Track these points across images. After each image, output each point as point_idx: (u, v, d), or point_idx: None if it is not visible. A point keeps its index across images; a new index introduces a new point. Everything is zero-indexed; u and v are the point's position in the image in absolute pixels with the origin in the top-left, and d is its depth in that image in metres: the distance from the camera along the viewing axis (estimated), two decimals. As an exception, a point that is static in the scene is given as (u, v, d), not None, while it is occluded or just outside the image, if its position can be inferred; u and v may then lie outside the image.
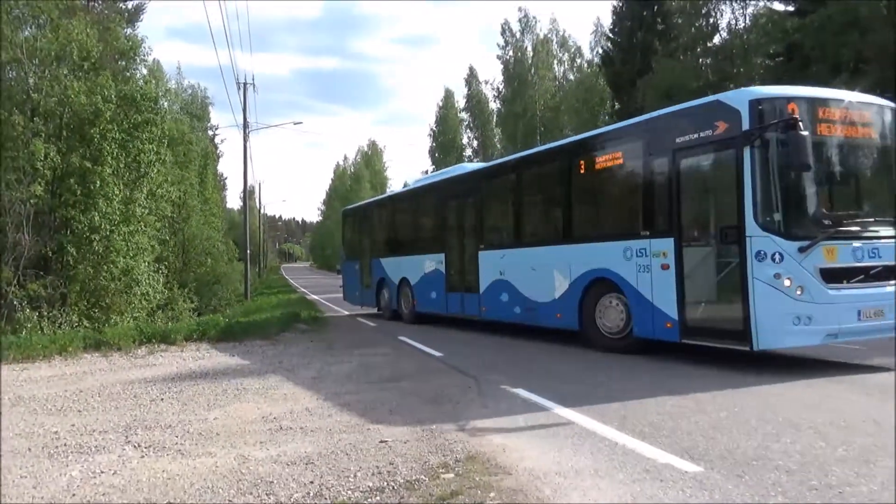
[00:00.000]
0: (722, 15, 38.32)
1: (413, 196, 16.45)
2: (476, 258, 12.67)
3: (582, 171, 9.96)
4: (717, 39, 41.13)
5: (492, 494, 3.75)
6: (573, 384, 7.18)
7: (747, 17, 40.99)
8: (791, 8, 37.71)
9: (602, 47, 42.34)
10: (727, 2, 39.91)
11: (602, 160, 9.59)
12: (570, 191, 10.29)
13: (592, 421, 5.36)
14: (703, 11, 38.88)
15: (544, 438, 4.91)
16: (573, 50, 45.48)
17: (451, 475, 4.13)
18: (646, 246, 8.52)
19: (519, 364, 8.94)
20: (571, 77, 45.46)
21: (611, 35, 40.90)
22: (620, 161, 9.23)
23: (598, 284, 9.44)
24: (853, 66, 31.03)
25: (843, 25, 30.63)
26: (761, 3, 39.29)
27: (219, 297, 30.66)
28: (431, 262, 14.48)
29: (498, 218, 12.70)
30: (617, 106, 41.46)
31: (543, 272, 10.56)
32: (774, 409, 5.70)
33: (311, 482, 4.13)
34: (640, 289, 8.56)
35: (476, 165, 16.03)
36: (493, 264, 12.09)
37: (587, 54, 45.32)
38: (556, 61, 45.75)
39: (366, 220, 18.75)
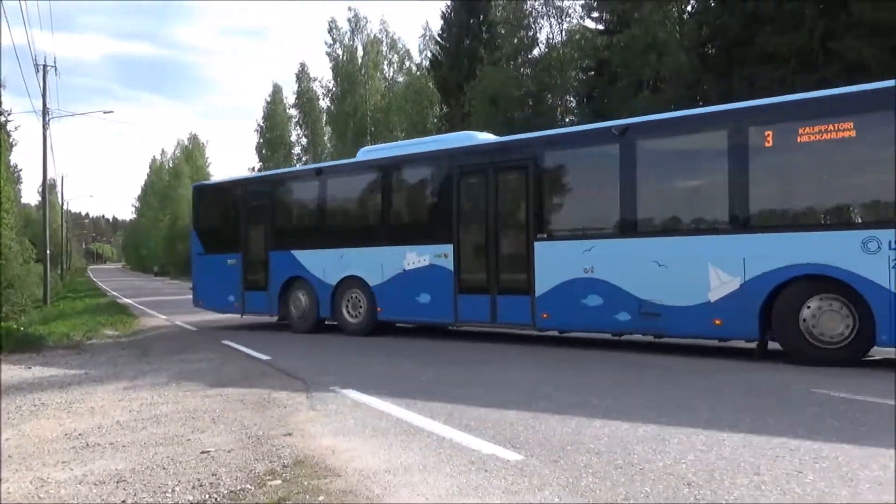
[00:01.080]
0: (541, 29, 40.48)
1: (376, 169, 12.41)
2: (528, 251, 10.08)
3: (770, 144, 8.01)
4: (536, 52, 43.62)
5: (321, 497, 3.70)
6: (404, 383, 7.28)
7: (563, 33, 43.90)
8: (601, 27, 41.08)
9: (431, 51, 43.32)
10: (546, 17, 42.58)
11: (820, 129, 7.64)
12: (748, 167, 8.18)
13: (422, 417, 5.47)
14: (525, 24, 41.13)
15: (374, 438, 4.93)
16: (402, 52, 46.09)
17: (279, 482, 4.01)
18: None
19: (350, 364, 8.91)
20: (401, 79, 46.07)
21: (439, 40, 42.00)
22: (851, 132, 7.44)
23: (802, 283, 7.78)
24: (653, 84, 34.44)
25: (644, 47, 33.88)
26: (575, 21, 42.22)
27: (12, 302, 27.39)
28: (421, 257, 11.37)
29: (579, 200, 10.12)
30: (445, 109, 42.65)
31: (682, 268, 8.59)
32: (586, 396, 6.17)
33: (123, 501, 3.82)
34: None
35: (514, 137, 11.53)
36: (565, 259, 9.65)
37: (416, 57, 46.12)
38: (385, 62, 46.11)
39: (256, 199, 14.30)
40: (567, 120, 44.52)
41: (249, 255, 14.37)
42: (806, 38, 29.11)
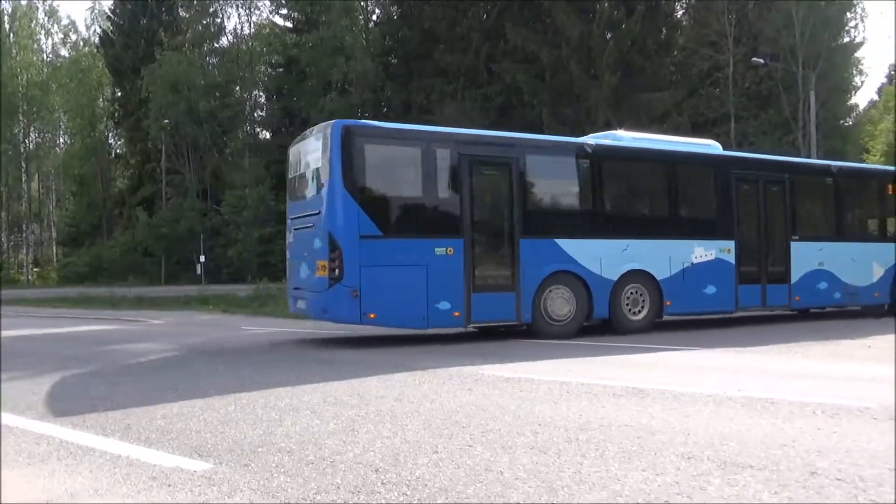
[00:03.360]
0: (229, 17, 39.02)
1: (663, 160, 11.96)
2: (786, 248, 12.83)
3: None
4: (225, 41, 41.85)
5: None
6: (70, 400, 6.40)
7: (252, 25, 42.80)
8: (290, 24, 40.99)
9: (101, 27, 38.81)
10: (233, 5, 41.01)
11: None
12: None
13: (92, 436, 4.86)
14: (211, 10, 39.16)
15: (33, 466, 4.24)
16: (67, 24, 40.60)
17: None
18: None
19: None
20: (65, 54, 40.48)
21: (111, 16, 37.82)
22: None
23: None
24: (341, 86, 35.48)
25: (332, 49, 34.72)
26: (265, 15, 41.58)
27: None
28: (707, 251, 11.79)
29: (816, 212, 14.09)
30: (119, 93, 38.64)
31: (863, 263, 13.41)
32: (278, 396, 6.11)
33: None
34: None
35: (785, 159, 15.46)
36: (807, 255, 12.85)
37: (84, 31, 40.96)
38: (43, 33, 40.11)
39: (490, 167, 10.49)
40: (256, 115, 43.54)
41: (480, 242, 10.23)
42: (473, 58, 32.71)
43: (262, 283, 21.79)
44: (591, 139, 11.98)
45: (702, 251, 11.83)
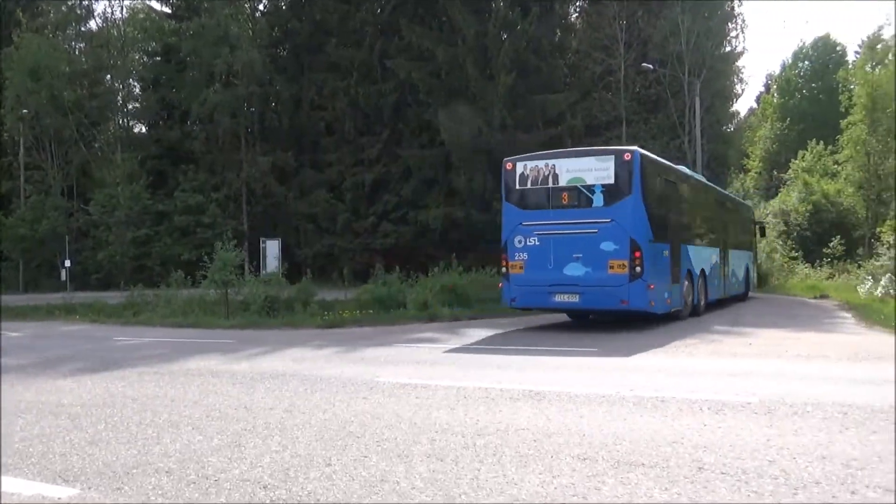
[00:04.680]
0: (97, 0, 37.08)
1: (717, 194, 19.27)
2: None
3: None
4: (93, 25, 39.52)
5: None
6: None
7: (125, 9, 40.68)
8: (167, 10, 39.22)
9: (-55, 3, 35.77)
10: (103, -13, 38.99)
11: None
12: None
13: (-66, 464, 4.44)
14: (77, -9, 36.85)
15: None
16: None
17: None
18: None
19: None
20: None
21: (-42, -9, 34.94)
22: None
23: None
24: (225, 78, 34.32)
25: (216, 39, 33.54)
26: (139, -1, 39.44)
27: None
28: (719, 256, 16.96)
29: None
30: (-32, 78, 35.69)
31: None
32: (155, 412, 5.83)
33: None
34: None
35: None
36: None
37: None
38: None
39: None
40: (130, 107, 41.32)
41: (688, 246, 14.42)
42: (367, 53, 32.56)
43: (136, 290, 20.69)
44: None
45: (716, 256, 16.47)
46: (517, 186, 12.61)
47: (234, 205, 34.71)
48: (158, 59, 38.74)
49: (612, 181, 11.71)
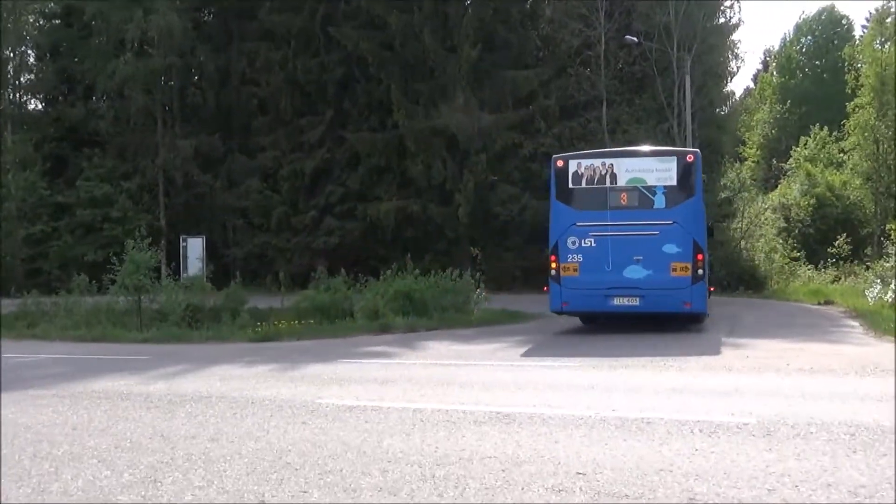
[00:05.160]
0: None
1: None
2: None
3: None
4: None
5: None
6: None
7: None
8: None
9: None
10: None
11: None
12: None
13: None
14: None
15: None
16: None
17: None
18: None
19: None
20: None
21: None
22: None
23: None
24: (139, 46, 33.68)
25: (127, 0, 32.89)
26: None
27: None
28: None
29: None
30: None
31: None
32: (53, 442, 5.70)
33: None
34: None
35: None
36: None
37: None
38: None
39: None
40: (24, 79, 40.32)
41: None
42: (307, 20, 32.29)
43: (30, 297, 20.19)
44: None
45: None
46: (570, 185, 13.58)
47: (149, 196, 34.03)
48: (57, 21, 37.84)
49: (674, 182, 13.10)
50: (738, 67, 45.37)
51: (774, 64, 56.11)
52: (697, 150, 13.55)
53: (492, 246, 27.71)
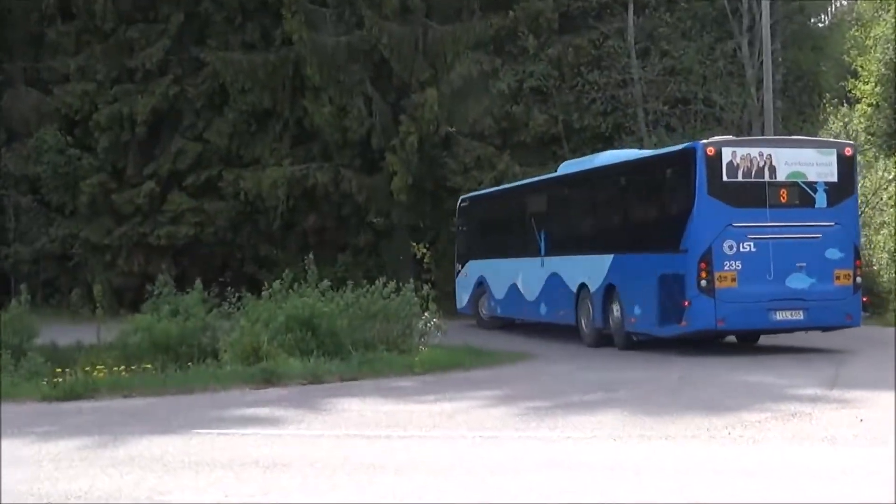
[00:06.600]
0: None
1: None
2: None
3: None
4: None
5: None
6: None
7: None
8: None
9: None
10: None
11: None
12: None
13: None
14: None
15: None
16: None
17: None
18: None
19: None
20: None
21: None
22: None
23: None
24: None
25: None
26: None
27: None
28: None
29: None
30: None
31: None
32: None
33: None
34: None
35: None
36: None
37: None
38: None
39: None
40: None
41: None
42: None
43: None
44: None
45: None
46: (725, 178, 16.21)
47: None
48: None
49: (835, 179, 16.45)
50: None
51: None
52: (853, 142, 16.52)
53: (447, 241, 27.57)
